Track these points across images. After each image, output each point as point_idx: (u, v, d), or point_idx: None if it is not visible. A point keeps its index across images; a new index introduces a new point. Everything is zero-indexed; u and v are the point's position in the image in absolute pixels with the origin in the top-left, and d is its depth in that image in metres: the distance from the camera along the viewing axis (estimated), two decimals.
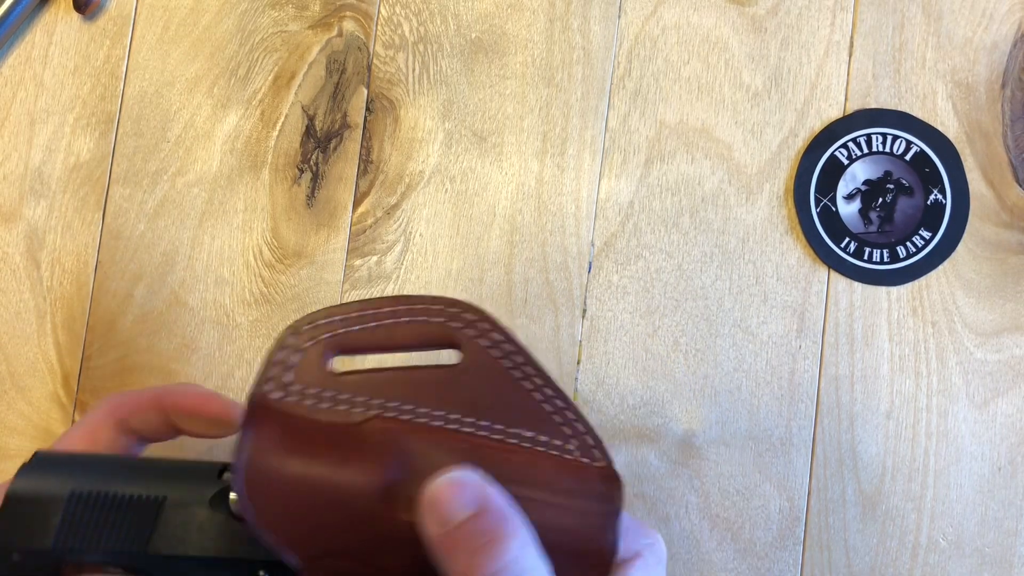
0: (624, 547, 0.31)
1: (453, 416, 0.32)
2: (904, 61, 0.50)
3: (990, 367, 0.49)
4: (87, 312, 0.50)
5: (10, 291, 0.50)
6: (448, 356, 0.32)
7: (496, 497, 0.29)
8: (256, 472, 0.30)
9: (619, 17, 0.51)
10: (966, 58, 0.50)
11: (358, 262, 0.50)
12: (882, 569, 0.48)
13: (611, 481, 0.32)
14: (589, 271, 0.50)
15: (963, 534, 0.48)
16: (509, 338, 0.33)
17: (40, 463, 0.33)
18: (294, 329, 0.32)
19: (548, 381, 0.33)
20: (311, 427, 0.31)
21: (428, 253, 0.50)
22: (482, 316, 0.32)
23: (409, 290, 0.50)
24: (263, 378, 0.31)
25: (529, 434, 0.32)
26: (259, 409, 0.31)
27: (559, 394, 0.32)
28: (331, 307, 0.32)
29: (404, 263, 0.50)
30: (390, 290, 0.50)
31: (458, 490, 0.29)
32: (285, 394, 0.31)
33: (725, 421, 0.49)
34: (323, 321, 0.32)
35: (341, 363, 0.32)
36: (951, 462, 0.48)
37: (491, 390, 0.32)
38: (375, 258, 0.50)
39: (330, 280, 0.50)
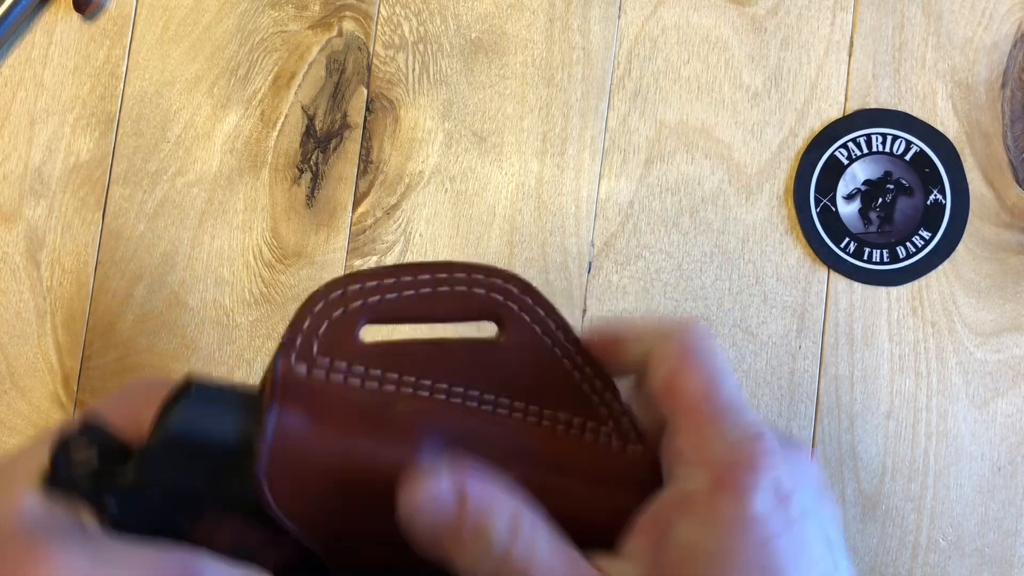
0: (738, 462, 0.25)
1: (488, 396, 0.30)
2: (904, 61, 0.50)
3: (990, 367, 0.49)
4: (87, 312, 0.50)
5: (10, 291, 0.50)
6: (487, 328, 0.30)
7: (475, 485, 0.27)
8: (281, 454, 0.28)
9: (619, 17, 0.51)
10: (966, 58, 0.50)
11: (358, 262, 0.50)
12: (882, 569, 0.48)
13: (645, 468, 0.29)
14: (589, 271, 0.50)
15: (963, 534, 0.48)
16: (552, 313, 0.30)
17: (202, 396, 0.29)
18: (322, 295, 0.29)
19: (589, 360, 0.30)
20: (341, 406, 0.29)
21: (428, 253, 0.50)
22: (526, 288, 0.30)
23: None
24: (288, 347, 0.28)
25: (565, 416, 0.30)
26: (284, 384, 0.28)
27: (599, 374, 0.30)
28: (362, 272, 0.29)
29: (404, 263, 0.50)
30: None
31: (434, 494, 0.27)
32: (312, 366, 0.29)
33: None
34: (354, 287, 0.29)
35: (368, 332, 0.30)
36: (951, 462, 0.48)
37: (531, 369, 0.30)
38: (375, 258, 0.50)
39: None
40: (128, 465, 0.27)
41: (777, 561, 0.23)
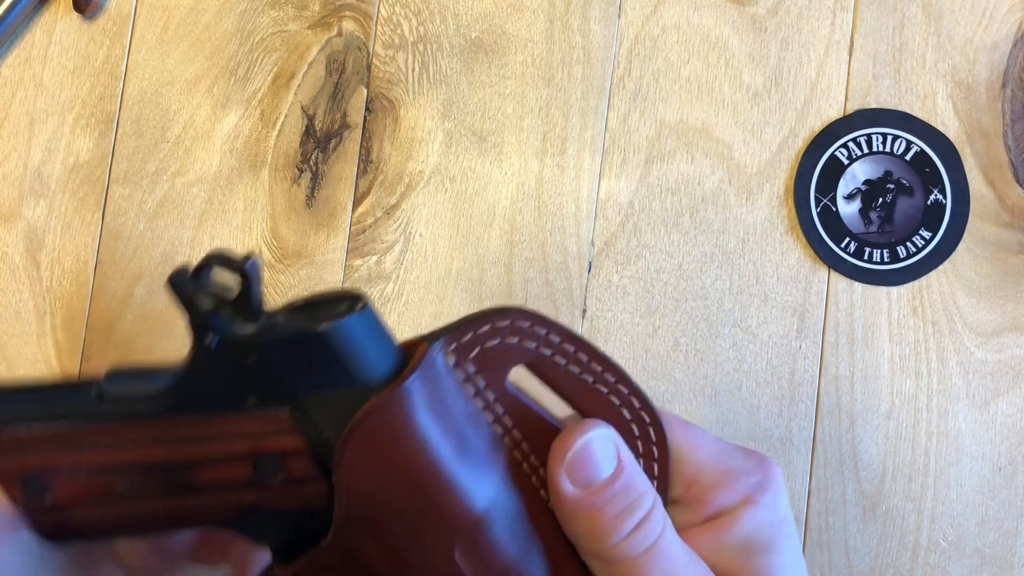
0: (728, 493, 0.29)
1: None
2: (904, 61, 0.50)
3: (990, 367, 0.49)
4: (87, 312, 0.50)
5: (9, 291, 0.50)
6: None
7: (628, 456, 0.29)
8: (384, 421, 0.28)
9: (619, 17, 0.51)
10: (966, 58, 0.50)
11: (358, 262, 0.50)
12: (882, 569, 0.48)
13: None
14: (589, 271, 0.50)
15: (963, 534, 0.48)
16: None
17: (367, 320, 0.29)
18: (516, 314, 0.29)
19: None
20: (450, 415, 0.29)
21: (428, 253, 0.50)
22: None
23: (409, 290, 0.50)
24: (456, 336, 0.29)
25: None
26: (431, 363, 0.28)
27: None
28: (560, 327, 0.30)
29: (404, 263, 0.50)
30: (389, 290, 0.50)
31: (599, 449, 0.28)
32: (458, 366, 0.29)
33: (725, 421, 0.49)
34: (542, 330, 0.30)
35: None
36: (951, 462, 0.48)
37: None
38: (375, 258, 0.50)
39: (330, 280, 0.50)
40: (256, 323, 0.28)
41: (794, 537, 0.30)
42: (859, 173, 0.50)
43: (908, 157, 0.50)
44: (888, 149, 0.50)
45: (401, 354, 0.29)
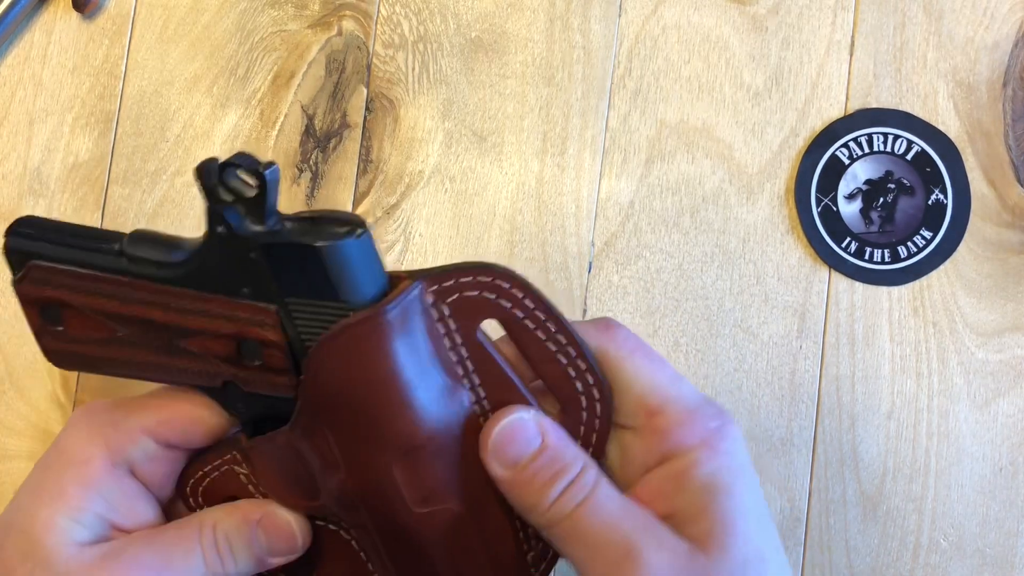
0: (688, 432, 0.31)
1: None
2: (905, 60, 0.50)
3: (991, 367, 0.48)
4: None
5: (9, 291, 0.50)
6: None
7: (553, 430, 0.31)
8: (361, 340, 0.31)
9: (619, 16, 0.51)
10: (967, 57, 0.50)
11: None
12: (883, 570, 0.48)
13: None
14: (589, 271, 0.50)
15: (964, 535, 0.48)
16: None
17: (366, 246, 0.32)
18: (501, 273, 0.33)
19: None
20: (419, 351, 0.32)
21: (428, 253, 0.50)
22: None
23: None
24: (437, 280, 0.32)
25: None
26: (410, 299, 0.32)
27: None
28: (529, 286, 0.33)
29: (404, 263, 0.50)
30: None
31: (519, 431, 0.31)
32: (436, 304, 0.32)
33: None
34: (519, 293, 0.33)
35: None
36: (952, 462, 0.48)
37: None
38: None
39: None
40: (263, 225, 0.31)
41: (755, 484, 0.32)
42: (860, 173, 0.50)
43: (909, 157, 0.50)
44: (889, 149, 0.50)
45: (387, 284, 0.32)
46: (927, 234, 0.49)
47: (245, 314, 0.32)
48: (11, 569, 0.33)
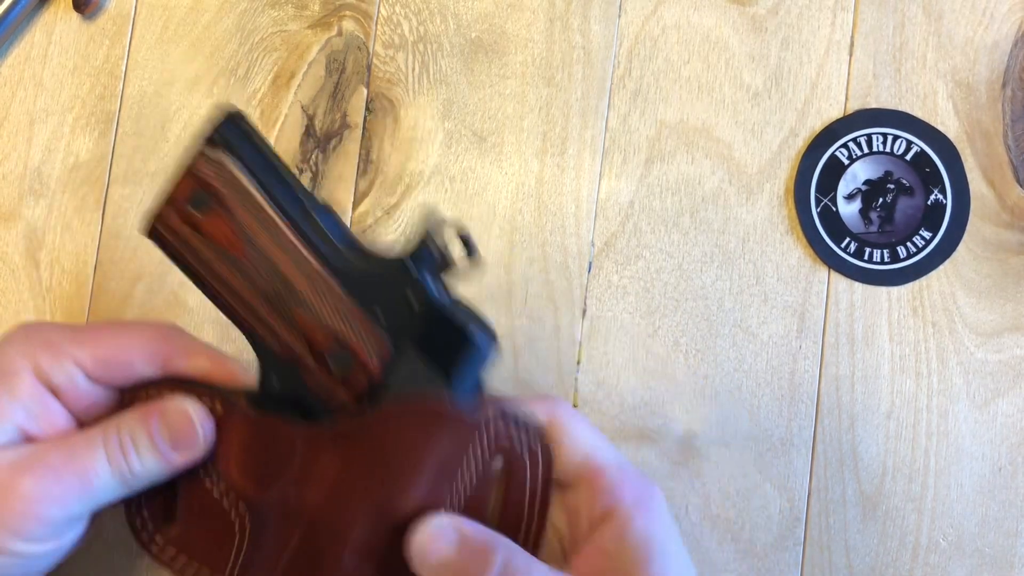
0: (627, 490, 0.34)
1: None
2: (905, 61, 0.50)
3: (991, 367, 0.49)
4: (86, 312, 0.50)
5: (9, 291, 0.50)
6: None
7: (470, 530, 0.33)
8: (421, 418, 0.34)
9: (619, 17, 0.51)
10: (967, 58, 0.50)
11: None
12: (882, 569, 0.48)
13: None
14: (589, 271, 0.50)
15: (963, 534, 0.48)
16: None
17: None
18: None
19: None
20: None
21: None
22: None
23: None
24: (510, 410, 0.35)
25: None
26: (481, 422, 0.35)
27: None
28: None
29: None
30: None
31: (437, 537, 0.32)
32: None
33: (725, 421, 0.49)
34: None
35: None
36: (951, 462, 0.48)
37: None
38: None
39: None
40: (440, 290, 0.34)
41: (683, 549, 0.35)
42: (859, 173, 0.50)
43: (908, 157, 0.50)
44: (888, 149, 0.50)
45: (479, 394, 0.35)
46: (926, 234, 0.49)
47: (364, 332, 0.34)
48: None
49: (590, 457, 0.35)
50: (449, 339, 0.33)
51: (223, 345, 0.49)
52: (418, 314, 0.34)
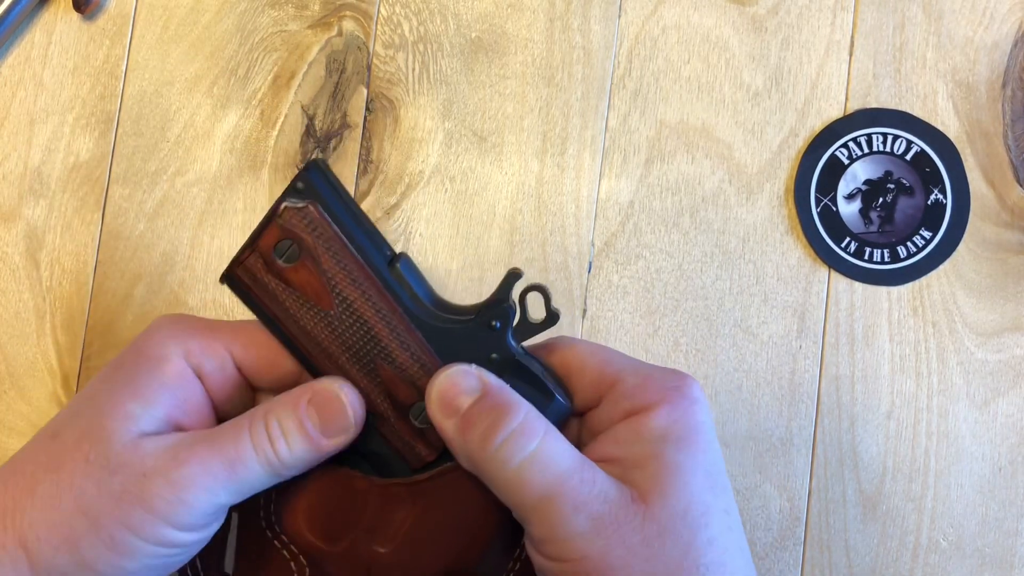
0: (647, 393, 0.33)
1: None
2: (905, 61, 0.50)
3: (991, 367, 0.49)
4: (86, 312, 0.50)
5: (9, 291, 0.50)
6: None
7: (492, 378, 0.32)
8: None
9: (619, 17, 0.51)
10: (967, 58, 0.50)
11: None
12: (882, 569, 0.48)
13: None
14: (589, 271, 0.50)
15: (964, 534, 0.48)
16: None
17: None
18: None
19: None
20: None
21: (428, 253, 0.50)
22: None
23: None
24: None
25: None
26: None
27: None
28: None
29: None
30: None
31: (460, 380, 0.32)
32: None
33: (725, 421, 0.49)
34: None
35: None
36: (952, 462, 0.48)
37: None
38: None
39: None
40: (515, 347, 0.35)
41: (713, 443, 0.33)
42: (859, 173, 0.50)
43: (908, 157, 0.50)
44: (888, 149, 0.50)
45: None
46: (926, 234, 0.49)
47: None
48: (66, 448, 0.32)
49: (604, 371, 0.34)
50: (532, 399, 0.33)
51: None
52: (500, 372, 0.34)
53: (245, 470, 0.32)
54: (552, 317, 0.34)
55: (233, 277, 0.34)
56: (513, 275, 0.35)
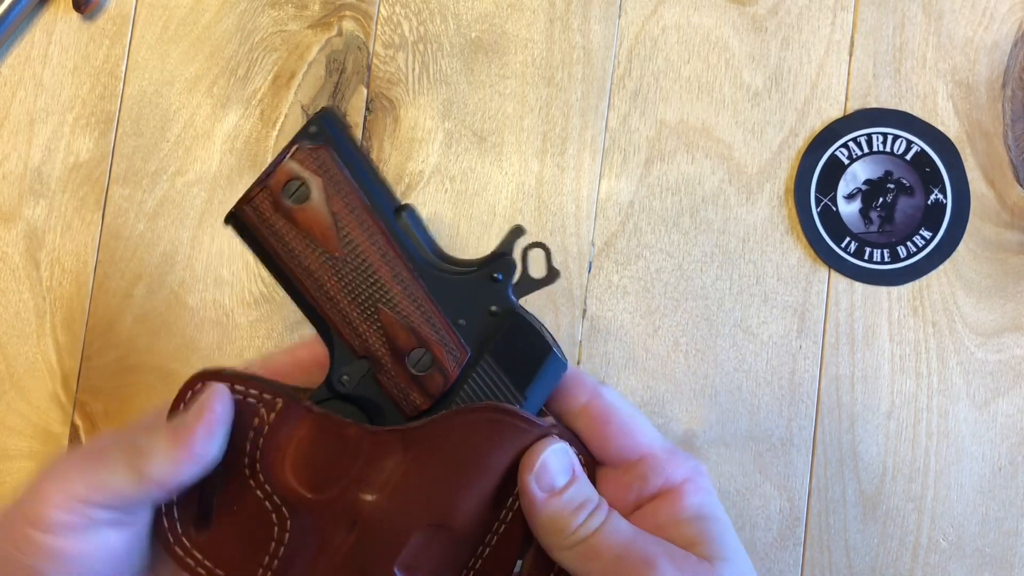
0: (675, 469, 0.35)
1: None
2: (905, 61, 0.50)
3: (991, 367, 0.49)
4: (87, 312, 0.50)
5: (9, 291, 0.50)
6: None
7: (579, 467, 0.35)
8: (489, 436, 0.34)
9: (619, 17, 0.51)
10: (966, 58, 0.50)
11: None
12: (883, 569, 0.48)
13: None
14: (589, 271, 0.50)
15: (964, 534, 0.48)
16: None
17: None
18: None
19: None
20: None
21: None
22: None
23: None
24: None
25: None
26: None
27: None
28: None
29: None
30: None
31: (559, 460, 0.34)
32: None
33: (725, 421, 0.48)
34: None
35: None
36: (952, 462, 0.48)
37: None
38: None
39: None
40: (517, 298, 0.35)
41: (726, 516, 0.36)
42: (859, 173, 0.50)
43: (908, 157, 0.50)
44: (888, 149, 0.50)
45: (542, 411, 0.36)
46: (926, 234, 0.49)
47: (446, 336, 0.35)
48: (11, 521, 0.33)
49: (636, 439, 0.36)
50: (530, 353, 0.34)
51: (224, 346, 0.49)
52: (499, 324, 0.34)
53: (112, 479, 0.33)
54: (552, 274, 0.35)
55: (240, 216, 0.35)
56: (517, 231, 0.35)
